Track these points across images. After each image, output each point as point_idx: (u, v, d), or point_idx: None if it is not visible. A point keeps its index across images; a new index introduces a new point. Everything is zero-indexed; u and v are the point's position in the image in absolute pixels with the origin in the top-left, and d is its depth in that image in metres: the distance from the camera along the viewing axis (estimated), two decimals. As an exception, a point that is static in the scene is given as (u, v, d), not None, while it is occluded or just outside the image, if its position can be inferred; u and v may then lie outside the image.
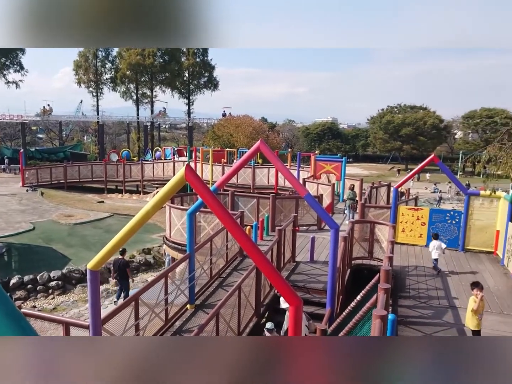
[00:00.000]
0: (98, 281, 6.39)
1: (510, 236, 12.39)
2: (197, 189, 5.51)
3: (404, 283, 11.39)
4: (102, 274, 17.44)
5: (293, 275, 11.61)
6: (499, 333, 8.50)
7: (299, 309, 5.25)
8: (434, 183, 45.90)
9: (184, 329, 8.70)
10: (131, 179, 35.69)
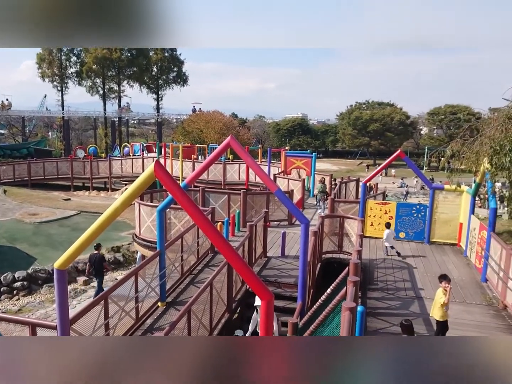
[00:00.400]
0: (66, 280, 6.23)
1: (473, 228, 12.87)
2: (167, 186, 5.45)
3: (373, 275, 11.66)
4: (69, 274, 17.01)
5: (265, 270, 11.68)
6: (462, 321, 8.85)
7: (271, 303, 5.30)
8: (401, 177, 47.06)
9: (155, 327, 8.62)
10: (99, 176, 34.88)
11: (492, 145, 10.01)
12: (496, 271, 10.22)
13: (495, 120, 10.90)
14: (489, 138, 10.30)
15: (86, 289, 16.14)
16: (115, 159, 35.77)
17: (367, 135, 69.73)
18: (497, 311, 9.46)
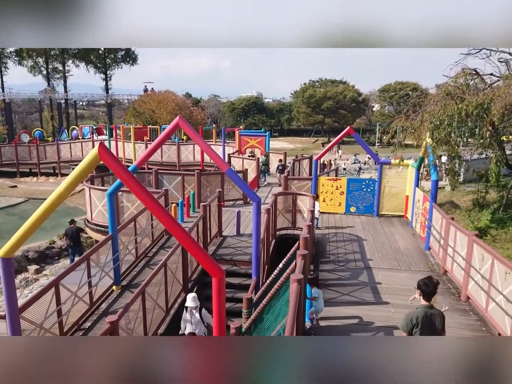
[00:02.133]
0: (12, 268, 6.08)
1: (417, 200, 13.57)
2: (113, 168, 5.39)
3: (325, 249, 12.10)
4: (19, 263, 16.43)
5: (220, 249, 11.82)
6: (407, 287, 9.40)
7: (222, 280, 5.44)
8: (354, 154, 48.28)
9: (110, 311, 8.58)
10: (47, 161, 33.43)
11: (432, 120, 10.52)
12: (437, 239, 10.89)
13: (435, 96, 11.42)
14: (429, 113, 10.81)
15: (38, 278, 15.68)
16: (63, 143, 34.36)
17: (321, 113, 70.68)
18: (438, 276, 10.11)
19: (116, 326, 5.99)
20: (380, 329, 7.52)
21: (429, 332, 5.06)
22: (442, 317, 5.18)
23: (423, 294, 5.16)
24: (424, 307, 5.16)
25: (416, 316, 5.07)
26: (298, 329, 5.97)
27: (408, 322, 5.13)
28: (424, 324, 5.05)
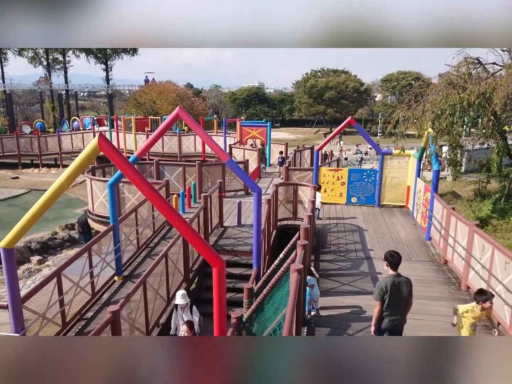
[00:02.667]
0: (14, 258, 6.12)
1: (418, 190, 13.55)
2: (113, 159, 5.39)
3: (326, 239, 12.12)
4: (22, 254, 16.53)
5: (221, 240, 11.86)
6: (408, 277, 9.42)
7: (222, 270, 5.46)
8: (356, 144, 48.14)
9: (112, 301, 8.65)
10: (48, 152, 33.44)
11: (434, 110, 10.46)
12: (438, 229, 10.90)
13: (437, 85, 11.34)
14: (431, 103, 10.74)
15: (40, 268, 15.78)
16: (64, 134, 34.32)
17: (322, 103, 70.31)
18: (438, 266, 10.16)
19: (118, 316, 6.05)
20: (380, 319, 7.55)
21: (396, 298, 5.67)
22: (409, 284, 5.76)
23: (390, 265, 5.75)
24: (392, 276, 5.73)
25: (385, 285, 5.64)
26: (298, 318, 6.01)
27: (380, 291, 5.68)
28: (392, 290, 5.63)
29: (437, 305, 8.09)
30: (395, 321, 5.83)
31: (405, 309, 5.90)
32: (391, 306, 5.72)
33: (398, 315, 5.81)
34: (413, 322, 7.44)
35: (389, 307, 5.73)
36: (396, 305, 5.75)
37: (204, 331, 8.58)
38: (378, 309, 5.76)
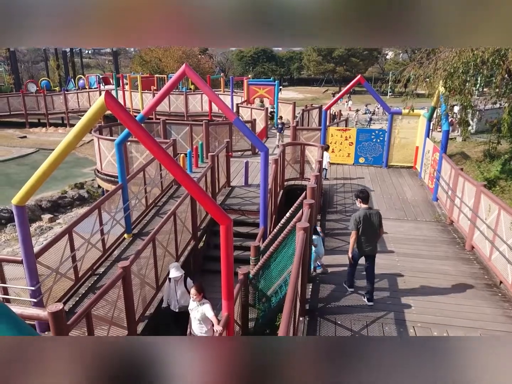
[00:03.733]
0: (26, 215, 6.26)
1: (427, 151, 13.43)
2: (120, 117, 5.38)
3: (332, 199, 12.19)
4: (33, 212, 16.85)
5: (229, 199, 11.98)
6: (412, 236, 9.53)
7: (230, 228, 5.55)
8: (365, 104, 47.26)
9: (123, 257, 8.89)
10: (55, 111, 33.30)
11: (446, 68, 10.18)
12: (445, 190, 10.89)
13: (451, 42, 10.95)
14: (443, 61, 10.44)
15: (51, 226, 16.13)
16: (70, 93, 34.02)
17: (332, 61, 68.49)
18: (444, 226, 10.23)
19: (129, 271, 6.24)
20: (384, 276, 7.72)
21: (369, 227, 6.60)
22: (379, 216, 6.70)
23: (362, 200, 6.70)
24: (364, 209, 6.65)
25: (359, 216, 6.57)
26: (304, 275, 6.17)
27: (354, 222, 6.59)
28: (365, 221, 6.56)
29: (440, 264, 8.22)
30: (369, 247, 6.74)
31: (376, 237, 6.80)
32: (364, 234, 6.63)
33: (370, 242, 6.73)
34: (416, 280, 7.62)
35: (363, 235, 6.64)
36: (368, 234, 6.65)
37: (212, 287, 8.84)
38: (354, 238, 6.66)
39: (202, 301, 6.11)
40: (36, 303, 6.44)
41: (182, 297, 7.04)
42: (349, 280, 7.27)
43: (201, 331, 6.13)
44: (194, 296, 6.07)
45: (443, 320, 6.41)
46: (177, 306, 7.09)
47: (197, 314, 6.07)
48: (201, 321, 6.08)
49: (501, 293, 7.21)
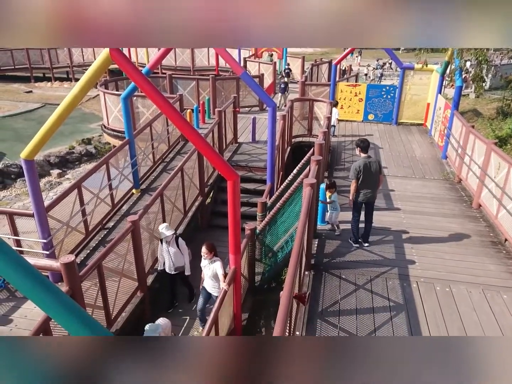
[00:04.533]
0: (35, 169, 6.32)
1: (439, 107, 13.14)
2: (125, 70, 5.28)
3: (340, 157, 12.10)
4: (42, 167, 16.98)
5: (236, 156, 11.94)
6: (419, 194, 9.52)
7: (237, 183, 5.56)
8: (376, 59, 45.85)
9: (131, 212, 9.01)
10: (59, 65, 32.70)
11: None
12: (455, 148, 10.75)
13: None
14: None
15: (61, 182, 16.29)
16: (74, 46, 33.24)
17: (343, 13, 65.90)
18: (452, 184, 10.18)
19: (137, 225, 6.34)
20: (390, 233, 7.79)
21: (369, 175, 6.80)
22: (378, 164, 6.93)
23: (362, 149, 6.90)
24: (364, 158, 6.85)
25: (359, 165, 6.78)
26: (310, 231, 6.24)
27: (354, 171, 6.80)
28: (365, 170, 6.76)
29: (446, 222, 8.26)
30: (368, 194, 6.96)
31: (376, 185, 6.98)
32: (364, 182, 6.84)
33: (370, 190, 6.93)
34: (421, 237, 7.69)
35: (363, 183, 6.85)
36: (368, 182, 6.86)
37: (219, 242, 9.01)
38: (354, 186, 6.89)
39: (214, 259, 6.15)
40: (48, 255, 6.63)
41: (176, 257, 6.82)
42: (354, 235, 7.36)
43: (214, 287, 6.25)
44: (205, 254, 6.10)
45: (446, 276, 6.52)
46: (172, 267, 6.87)
47: (209, 272, 6.16)
48: (213, 278, 6.18)
49: (505, 250, 7.27)
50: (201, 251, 6.15)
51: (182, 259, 6.85)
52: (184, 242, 6.95)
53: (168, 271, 6.97)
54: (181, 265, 6.86)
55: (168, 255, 6.80)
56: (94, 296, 5.59)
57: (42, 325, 4.46)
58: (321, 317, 5.66)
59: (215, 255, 6.21)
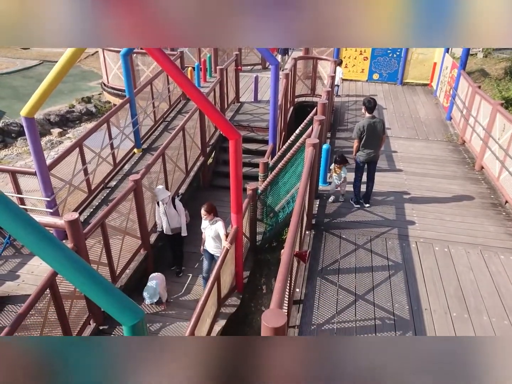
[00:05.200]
0: (35, 128, 6.27)
1: (445, 67, 12.83)
2: (125, 24, 5.12)
3: (343, 117, 11.96)
4: (43, 126, 16.86)
5: (238, 115, 11.80)
6: (421, 155, 9.47)
7: (239, 142, 5.53)
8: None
9: (133, 171, 9.03)
10: (56, 20, 31.78)
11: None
12: (460, 109, 10.59)
13: None
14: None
15: (62, 140, 16.23)
16: (71, 0, 32.15)
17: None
18: (455, 146, 10.11)
19: (140, 184, 6.37)
20: (391, 194, 7.82)
21: (372, 135, 6.80)
22: (382, 124, 6.92)
23: (367, 109, 6.82)
24: (368, 118, 6.82)
25: (363, 125, 6.78)
26: (311, 191, 6.26)
27: (358, 130, 6.82)
28: (368, 130, 6.76)
29: (448, 183, 8.27)
30: (371, 154, 6.98)
31: (378, 144, 7.00)
32: (367, 142, 6.85)
33: (373, 150, 6.95)
34: (422, 198, 7.73)
35: (366, 143, 6.87)
36: (371, 142, 6.87)
37: (221, 202, 9.07)
38: (356, 145, 6.96)
39: (214, 220, 6.15)
40: (52, 213, 6.70)
41: (173, 218, 6.80)
42: (355, 196, 7.39)
43: (216, 247, 6.29)
44: (204, 216, 6.09)
45: (445, 237, 6.60)
46: (169, 228, 6.86)
47: (211, 232, 6.18)
48: (215, 239, 6.21)
49: (505, 212, 7.32)
50: (201, 213, 6.14)
51: (179, 220, 6.85)
52: (180, 203, 6.93)
53: (166, 233, 6.96)
54: (178, 226, 6.85)
55: (165, 216, 6.77)
56: (99, 253, 5.70)
57: (49, 280, 4.58)
58: (320, 275, 5.79)
59: (215, 215, 6.20)
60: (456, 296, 5.44)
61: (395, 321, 5.05)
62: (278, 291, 3.14)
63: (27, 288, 6.10)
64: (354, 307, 5.25)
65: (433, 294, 5.47)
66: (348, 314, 5.15)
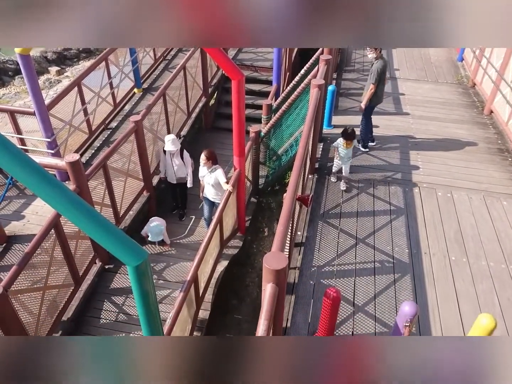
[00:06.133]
0: (32, 65, 6.05)
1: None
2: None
3: (350, 57, 11.51)
4: (40, 64, 16.35)
5: (241, 54, 11.37)
6: (430, 99, 9.21)
7: (241, 83, 5.35)
8: None
9: (133, 112, 8.86)
10: None
11: None
12: (473, 49, 10.15)
13: None
14: None
15: (60, 79, 15.81)
16: None
17: None
18: (465, 89, 9.80)
19: (141, 126, 6.25)
20: (396, 138, 7.70)
21: (384, 77, 6.60)
22: (388, 63, 6.95)
23: (377, 48, 6.42)
24: (381, 59, 6.50)
25: (381, 67, 6.47)
26: (315, 135, 6.16)
27: (377, 75, 6.46)
28: (384, 71, 6.55)
29: (455, 128, 8.11)
30: (383, 97, 6.90)
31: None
32: (381, 84, 6.67)
33: (383, 92, 6.84)
34: (428, 143, 7.62)
35: (380, 87, 6.67)
36: (383, 84, 6.71)
37: (223, 144, 8.98)
38: (373, 91, 6.58)
39: (213, 167, 5.96)
40: (53, 155, 6.65)
41: (179, 169, 6.66)
42: (363, 140, 7.26)
43: (217, 195, 6.19)
44: (203, 162, 5.91)
45: (449, 182, 6.57)
46: (174, 178, 6.76)
47: (210, 180, 6.03)
48: (215, 186, 6.09)
49: (511, 158, 7.23)
50: (200, 158, 5.94)
51: (185, 171, 6.73)
52: (188, 155, 6.73)
53: (170, 181, 6.86)
54: (183, 176, 6.74)
55: (171, 167, 6.64)
56: (102, 195, 5.71)
57: (53, 220, 4.63)
58: (322, 219, 5.83)
59: (214, 163, 5.98)
60: (456, 240, 5.50)
61: (394, 264, 5.15)
62: (280, 235, 3.15)
63: (33, 228, 6.20)
64: (355, 250, 5.33)
65: (433, 238, 5.54)
66: (348, 257, 5.25)
